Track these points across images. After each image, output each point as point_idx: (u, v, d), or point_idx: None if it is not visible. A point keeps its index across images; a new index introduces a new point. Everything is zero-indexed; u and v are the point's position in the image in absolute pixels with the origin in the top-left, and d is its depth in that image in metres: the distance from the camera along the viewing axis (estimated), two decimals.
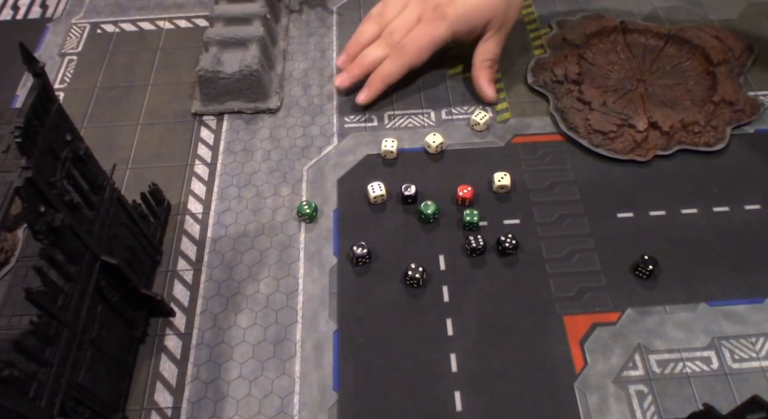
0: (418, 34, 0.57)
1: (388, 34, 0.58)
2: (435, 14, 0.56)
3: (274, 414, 0.42)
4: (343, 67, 0.59)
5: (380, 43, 0.58)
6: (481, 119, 0.56)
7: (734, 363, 0.43)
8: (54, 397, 0.34)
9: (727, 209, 0.50)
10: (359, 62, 0.58)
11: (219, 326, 0.46)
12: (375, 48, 0.58)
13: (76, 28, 0.68)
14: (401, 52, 0.57)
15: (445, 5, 0.56)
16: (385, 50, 0.57)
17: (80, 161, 0.39)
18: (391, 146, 0.54)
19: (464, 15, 0.56)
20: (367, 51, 0.58)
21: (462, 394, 0.42)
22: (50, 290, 0.35)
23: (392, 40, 0.57)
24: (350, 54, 0.59)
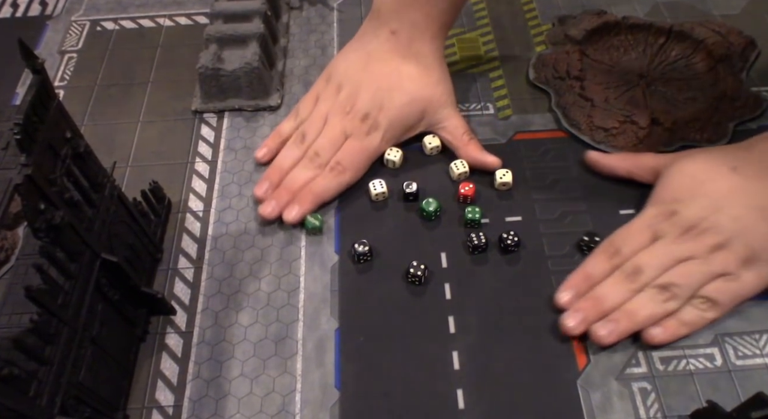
0: (352, 151, 0.51)
1: (314, 156, 0.51)
2: (366, 126, 0.51)
3: (276, 413, 0.42)
4: (265, 197, 0.51)
5: (307, 165, 0.51)
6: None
7: (738, 359, 0.43)
8: (54, 396, 0.34)
9: None
10: (288, 187, 0.51)
11: (220, 324, 0.46)
12: (302, 170, 0.51)
13: (76, 26, 0.68)
14: (338, 171, 0.51)
15: (374, 115, 0.51)
16: (314, 171, 0.51)
17: (80, 158, 0.39)
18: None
19: (398, 118, 0.52)
20: (293, 175, 0.51)
21: (464, 392, 0.42)
22: (50, 288, 0.34)
23: (320, 161, 0.51)
24: (273, 181, 0.52)
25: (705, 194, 0.45)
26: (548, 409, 0.41)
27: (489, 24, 0.66)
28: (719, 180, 0.45)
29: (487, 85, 0.60)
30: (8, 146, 0.34)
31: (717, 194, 0.44)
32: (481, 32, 0.65)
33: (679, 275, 0.43)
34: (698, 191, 0.45)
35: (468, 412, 0.41)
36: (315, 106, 0.54)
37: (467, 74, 0.61)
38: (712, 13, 0.65)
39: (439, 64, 0.53)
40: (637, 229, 0.46)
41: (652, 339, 0.42)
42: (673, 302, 0.43)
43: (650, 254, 0.44)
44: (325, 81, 0.55)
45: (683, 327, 0.43)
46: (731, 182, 0.45)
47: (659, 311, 0.43)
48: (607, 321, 0.43)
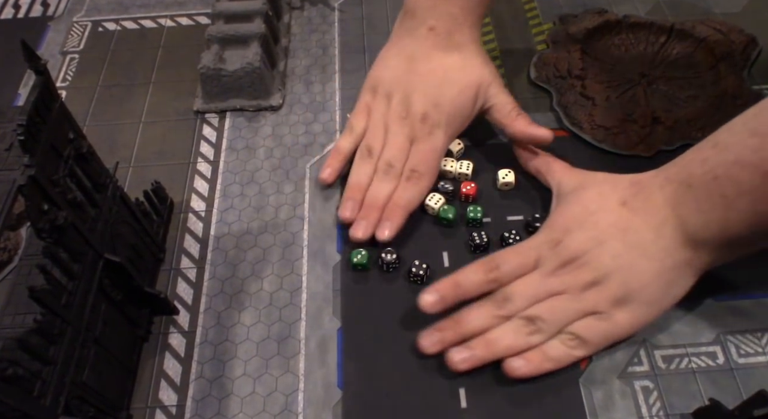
0: (422, 154, 0.50)
1: (387, 168, 0.50)
2: (427, 126, 0.51)
3: (279, 412, 0.42)
4: (353, 217, 0.49)
5: (383, 178, 0.50)
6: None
7: (740, 358, 0.43)
8: (58, 395, 0.34)
9: None
10: (373, 205, 0.49)
11: (223, 324, 0.46)
12: (380, 184, 0.50)
13: (78, 27, 0.68)
14: (415, 179, 0.50)
15: (432, 113, 0.51)
16: (392, 183, 0.50)
17: (83, 158, 0.39)
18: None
19: (454, 111, 0.51)
20: (374, 191, 0.50)
21: (467, 391, 0.42)
22: (54, 289, 0.35)
23: (395, 171, 0.50)
24: (356, 199, 0.50)
25: (591, 225, 0.43)
26: (550, 408, 0.41)
27: (490, 23, 0.66)
28: (607, 213, 0.43)
29: None
30: (11, 147, 0.34)
31: (602, 226, 0.43)
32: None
33: (548, 309, 0.42)
34: (586, 222, 0.43)
35: (470, 411, 0.41)
36: (368, 118, 0.53)
37: None
38: (713, 11, 0.65)
39: (479, 49, 0.54)
40: (522, 251, 0.45)
41: (513, 371, 0.41)
42: (537, 335, 0.42)
43: (524, 284, 0.43)
44: (372, 92, 0.54)
45: (548, 362, 0.42)
46: (618, 217, 0.43)
47: (521, 344, 0.42)
48: (465, 347, 0.42)
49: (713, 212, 0.39)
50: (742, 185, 0.37)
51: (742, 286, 0.46)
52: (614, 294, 0.41)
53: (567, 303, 0.42)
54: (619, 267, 0.41)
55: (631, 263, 0.41)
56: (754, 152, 0.36)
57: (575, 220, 0.44)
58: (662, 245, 0.41)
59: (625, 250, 0.41)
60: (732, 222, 0.38)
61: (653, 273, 0.41)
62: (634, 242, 0.41)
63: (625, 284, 0.41)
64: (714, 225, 0.39)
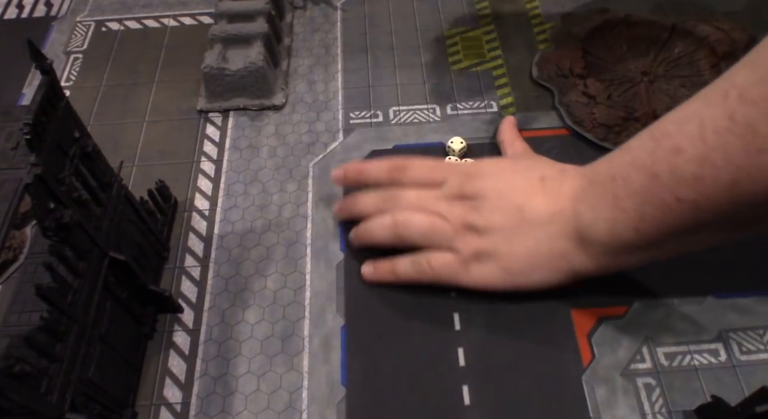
0: None
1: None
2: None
3: (283, 409, 0.42)
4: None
5: None
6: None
7: (742, 355, 0.43)
8: (65, 392, 0.34)
9: None
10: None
11: (227, 322, 0.46)
12: None
13: (81, 26, 0.69)
14: None
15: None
16: None
17: (88, 157, 0.39)
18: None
19: None
20: None
21: (470, 388, 0.42)
22: (60, 287, 0.35)
23: None
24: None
25: (505, 182, 0.45)
26: (553, 404, 0.41)
27: (492, 22, 0.66)
28: (524, 179, 0.44)
29: (491, 83, 0.61)
30: (18, 146, 0.34)
31: (512, 187, 0.44)
32: (484, 31, 0.66)
33: (422, 224, 0.45)
34: (503, 177, 0.45)
35: (473, 408, 0.41)
36: None
37: (471, 73, 0.61)
38: (715, 9, 0.66)
39: None
40: (435, 168, 0.47)
41: (363, 275, 0.47)
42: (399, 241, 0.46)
43: (417, 195, 0.46)
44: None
45: (390, 275, 0.46)
46: (530, 187, 0.44)
47: (386, 240, 0.46)
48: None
49: (602, 211, 0.39)
50: (632, 186, 0.37)
51: (743, 283, 0.46)
52: (483, 247, 0.43)
53: (442, 230, 0.44)
54: (503, 228, 0.43)
55: (514, 231, 0.43)
56: (648, 154, 0.37)
57: (496, 169, 0.46)
58: (549, 231, 0.42)
59: (517, 217, 0.43)
60: (619, 223, 0.38)
61: (526, 249, 0.42)
62: (529, 216, 0.43)
63: (497, 244, 0.43)
64: (602, 224, 0.39)
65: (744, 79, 0.34)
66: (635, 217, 0.38)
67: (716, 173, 0.34)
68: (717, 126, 0.33)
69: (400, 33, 0.66)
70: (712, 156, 0.34)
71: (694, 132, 0.35)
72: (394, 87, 0.60)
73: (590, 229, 0.40)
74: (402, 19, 0.67)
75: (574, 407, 0.41)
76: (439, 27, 0.66)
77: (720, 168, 0.33)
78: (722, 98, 0.34)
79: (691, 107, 0.36)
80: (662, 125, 0.38)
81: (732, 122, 0.33)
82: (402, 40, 0.65)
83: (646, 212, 0.37)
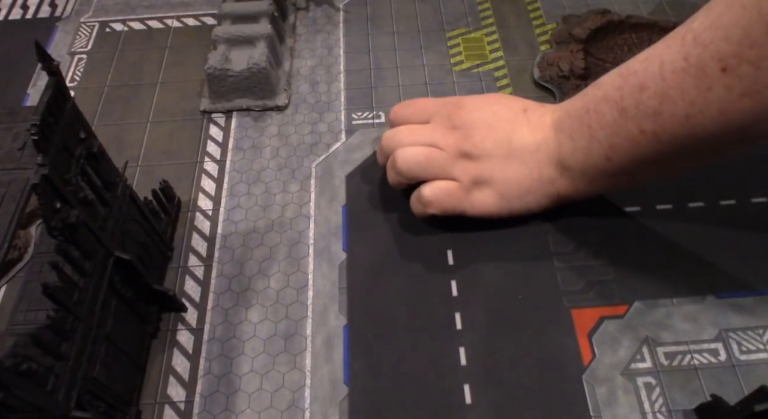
0: None
1: None
2: None
3: (286, 408, 0.43)
4: None
5: None
6: None
7: (742, 354, 0.43)
8: (71, 390, 0.35)
9: (734, 202, 0.51)
10: None
11: (230, 321, 0.47)
12: None
13: (85, 27, 0.69)
14: None
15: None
16: None
17: (93, 158, 0.40)
18: None
19: None
20: None
21: (471, 387, 0.43)
22: (66, 286, 0.35)
23: None
24: None
25: (491, 113, 0.48)
26: (554, 403, 0.42)
27: (494, 24, 0.67)
28: (507, 110, 0.48)
29: (493, 84, 0.61)
30: (25, 146, 0.35)
31: (498, 116, 0.47)
32: (485, 32, 0.66)
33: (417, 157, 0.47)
34: (487, 108, 0.48)
35: (475, 407, 0.42)
36: None
37: (472, 74, 0.62)
38: None
39: None
40: (420, 104, 0.51)
41: None
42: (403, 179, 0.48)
43: (410, 129, 0.49)
44: None
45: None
46: (514, 117, 0.47)
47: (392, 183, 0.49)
48: None
49: (580, 141, 0.43)
50: (604, 118, 0.41)
51: (743, 283, 0.46)
52: (480, 173, 0.46)
53: (439, 158, 0.47)
54: (496, 156, 0.46)
55: (506, 158, 0.46)
56: (617, 90, 0.41)
57: (481, 102, 0.49)
58: (537, 158, 0.46)
59: (506, 144, 0.46)
60: (593, 152, 0.43)
61: (519, 175, 0.46)
62: (518, 145, 0.46)
63: (492, 171, 0.46)
64: (579, 153, 0.44)
65: (699, 24, 0.37)
66: (606, 147, 0.42)
67: (673, 108, 0.37)
68: (675, 66, 0.37)
69: (402, 34, 0.66)
70: (670, 93, 0.37)
71: (656, 71, 0.38)
72: (396, 88, 0.61)
73: (568, 158, 0.44)
74: (404, 21, 0.67)
75: (575, 406, 0.42)
76: (441, 28, 0.66)
77: (676, 104, 0.37)
78: (680, 41, 0.37)
79: (655, 49, 0.40)
80: (630, 64, 0.41)
81: (687, 62, 0.36)
82: (404, 42, 0.65)
83: (615, 143, 0.41)
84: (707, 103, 0.36)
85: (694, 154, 0.40)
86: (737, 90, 0.35)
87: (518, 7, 0.68)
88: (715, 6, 0.36)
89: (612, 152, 0.42)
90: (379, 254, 0.49)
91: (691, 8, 0.66)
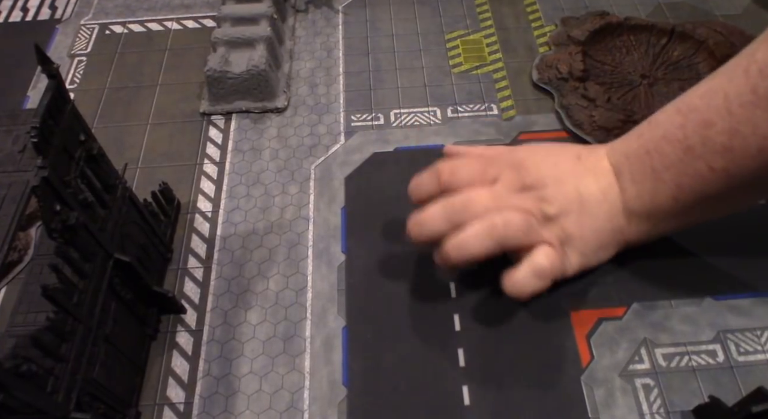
0: None
1: None
2: None
3: (285, 409, 0.43)
4: None
5: None
6: None
7: (740, 355, 0.43)
8: (70, 392, 0.35)
9: None
10: None
11: (229, 322, 0.47)
12: None
13: (85, 30, 0.69)
14: None
15: None
16: None
17: (93, 160, 0.40)
18: None
19: None
20: None
21: (469, 388, 0.43)
22: (66, 287, 0.35)
23: None
24: None
25: (552, 165, 0.44)
26: (552, 405, 0.42)
27: (493, 26, 0.67)
28: (566, 160, 0.45)
29: (491, 86, 0.61)
30: (25, 149, 0.35)
31: (561, 169, 0.44)
32: (484, 34, 0.66)
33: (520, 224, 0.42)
34: (547, 161, 0.45)
35: (473, 408, 0.42)
36: None
37: (471, 75, 0.62)
38: (714, 13, 0.66)
39: None
40: (483, 160, 0.45)
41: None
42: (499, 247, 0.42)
43: (489, 194, 0.43)
44: None
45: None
46: (574, 166, 0.44)
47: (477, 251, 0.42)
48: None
49: (644, 183, 0.42)
50: (668, 158, 0.40)
51: (741, 284, 0.46)
52: (562, 233, 0.43)
53: (534, 224, 0.42)
54: (571, 211, 0.43)
55: (580, 211, 0.43)
56: (678, 128, 0.40)
57: (536, 154, 0.46)
58: (606, 208, 0.43)
59: (577, 197, 0.43)
60: (659, 193, 0.41)
61: (593, 229, 0.43)
62: (585, 194, 0.43)
63: (571, 229, 0.43)
64: (646, 196, 0.42)
65: (763, 55, 0.36)
66: (673, 187, 0.40)
67: (744, 142, 0.36)
68: (742, 100, 0.36)
69: (401, 36, 0.66)
70: (740, 128, 0.36)
71: (721, 106, 0.37)
72: (395, 90, 0.61)
73: (633, 202, 0.43)
74: (403, 23, 0.68)
75: (573, 407, 0.42)
76: (440, 30, 0.67)
77: (747, 138, 0.36)
78: (744, 73, 0.36)
79: (714, 82, 0.39)
80: (688, 100, 0.40)
81: (755, 95, 0.36)
82: (403, 44, 0.65)
83: (682, 182, 0.40)
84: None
85: (766, 186, 0.40)
86: None
87: (517, 9, 0.68)
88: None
89: (679, 192, 0.40)
90: (378, 255, 0.49)
91: (690, 10, 0.66)
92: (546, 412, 0.41)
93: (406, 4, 0.70)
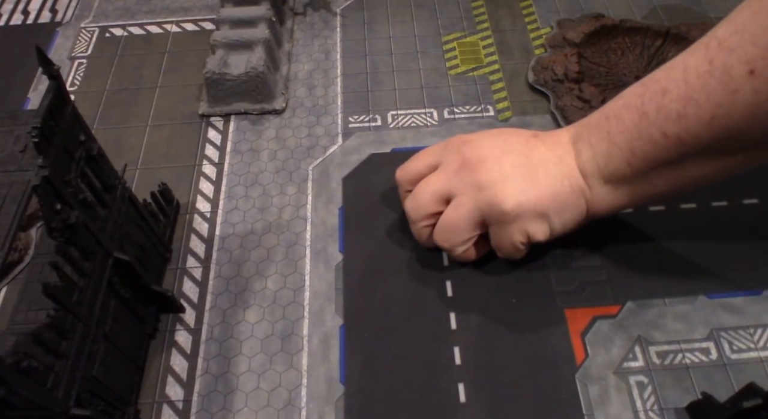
0: None
1: None
2: None
3: (282, 407, 0.43)
4: None
5: None
6: None
7: (733, 353, 0.44)
8: (70, 389, 0.35)
9: (726, 203, 0.51)
10: None
11: (228, 321, 0.47)
12: None
13: (86, 32, 0.70)
14: None
15: None
16: None
17: (93, 160, 0.40)
18: None
19: None
20: None
21: (465, 386, 0.43)
22: (66, 286, 0.36)
23: None
24: None
25: (500, 140, 0.46)
26: (547, 402, 0.42)
27: (489, 28, 0.67)
28: (518, 136, 0.46)
29: (488, 87, 0.62)
30: (26, 149, 0.35)
31: (509, 143, 0.45)
32: (481, 36, 0.67)
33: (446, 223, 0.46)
34: (495, 137, 0.46)
35: (469, 406, 0.42)
36: None
37: (468, 77, 0.62)
38: (709, 15, 0.67)
39: None
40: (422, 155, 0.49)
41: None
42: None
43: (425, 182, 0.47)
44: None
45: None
46: (527, 141, 0.46)
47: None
48: None
49: (599, 147, 0.43)
50: (624, 123, 0.41)
51: (734, 283, 0.47)
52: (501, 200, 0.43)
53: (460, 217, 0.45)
54: (519, 175, 0.43)
55: (531, 174, 0.43)
56: (638, 96, 0.41)
57: (485, 133, 0.47)
58: (562, 169, 0.44)
59: (527, 162, 0.44)
60: (613, 157, 0.42)
61: (551, 188, 0.43)
62: (537, 160, 0.44)
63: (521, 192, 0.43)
64: (600, 158, 0.43)
65: (723, 31, 0.37)
66: (627, 151, 0.41)
67: (698, 110, 0.37)
68: (699, 70, 0.37)
69: (398, 39, 0.67)
70: (694, 96, 0.37)
71: (679, 76, 0.38)
72: (392, 92, 0.61)
73: (590, 163, 0.43)
74: (400, 25, 0.68)
75: (568, 405, 0.42)
76: (437, 33, 0.67)
77: (701, 106, 0.37)
78: (704, 48, 0.38)
79: (678, 58, 0.40)
80: (652, 74, 0.41)
81: (711, 66, 0.37)
82: (400, 46, 0.66)
83: (635, 146, 0.41)
84: (734, 106, 0.36)
85: (716, 158, 0.40)
86: (766, 92, 0.35)
87: (513, 12, 0.69)
88: (737, 16, 0.37)
89: (632, 156, 0.41)
90: (375, 255, 0.50)
91: (685, 13, 0.67)
92: (541, 409, 0.42)
93: (404, 6, 0.70)
